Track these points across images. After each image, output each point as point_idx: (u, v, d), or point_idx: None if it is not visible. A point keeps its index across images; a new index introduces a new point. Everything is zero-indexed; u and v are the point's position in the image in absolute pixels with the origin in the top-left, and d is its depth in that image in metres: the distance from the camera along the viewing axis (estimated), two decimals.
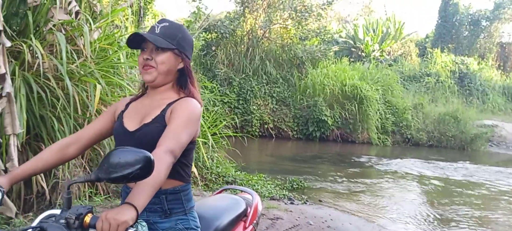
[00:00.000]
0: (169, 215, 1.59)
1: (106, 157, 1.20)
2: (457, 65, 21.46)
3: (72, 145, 1.72)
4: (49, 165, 1.71)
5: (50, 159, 1.68)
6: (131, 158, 1.17)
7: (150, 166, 1.19)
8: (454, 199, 7.40)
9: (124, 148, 1.20)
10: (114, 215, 1.22)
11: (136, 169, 1.16)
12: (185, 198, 1.64)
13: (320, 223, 4.87)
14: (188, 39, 1.69)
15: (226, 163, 6.45)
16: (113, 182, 1.19)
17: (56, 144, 1.74)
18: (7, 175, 1.61)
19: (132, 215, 1.23)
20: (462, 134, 15.37)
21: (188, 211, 1.64)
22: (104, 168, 1.18)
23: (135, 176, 1.18)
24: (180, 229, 1.60)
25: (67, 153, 1.71)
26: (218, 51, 13.65)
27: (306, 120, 13.74)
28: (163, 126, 1.55)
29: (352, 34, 23.60)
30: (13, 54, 3.69)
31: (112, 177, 1.18)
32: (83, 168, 3.85)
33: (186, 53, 1.67)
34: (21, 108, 3.37)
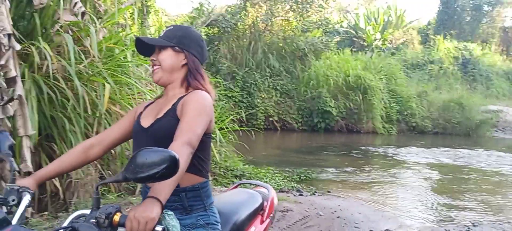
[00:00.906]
0: (189, 211, 1.63)
1: (132, 158, 1.22)
2: (460, 52, 21.39)
3: (95, 146, 1.76)
4: (73, 166, 1.76)
5: (74, 160, 1.73)
6: (157, 158, 1.20)
7: (175, 165, 1.22)
8: (461, 185, 7.43)
9: (150, 148, 1.23)
10: (141, 213, 1.26)
11: (162, 168, 1.19)
12: (205, 195, 1.67)
13: (329, 214, 4.90)
14: (190, 36, 1.74)
15: (234, 157, 6.49)
16: (140, 182, 1.22)
17: (79, 145, 1.79)
18: (32, 176, 1.64)
19: (158, 210, 1.28)
20: (467, 120, 15.36)
21: (208, 207, 1.67)
22: (131, 168, 1.21)
23: (161, 175, 1.21)
24: (201, 224, 1.63)
25: (90, 154, 1.75)
26: (221, 45, 13.66)
27: (311, 112, 13.75)
28: (175, 119, 1.59)
29: (353, 24, 23.55)
30: (21, 56, 3.72)
31: (139, 177, 1.21)
32: (95, 166, 3.89)
33: (189, 49, 1.71)
34: (33, 110, 3.40)
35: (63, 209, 3.65)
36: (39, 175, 1.67)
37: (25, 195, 1.48)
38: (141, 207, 1.29)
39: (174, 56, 1.69)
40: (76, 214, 1.46)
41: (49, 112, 3.67)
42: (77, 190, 3.68)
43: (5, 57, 2.88)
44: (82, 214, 1.44)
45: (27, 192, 1.50)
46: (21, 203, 1.45)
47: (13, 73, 2.94)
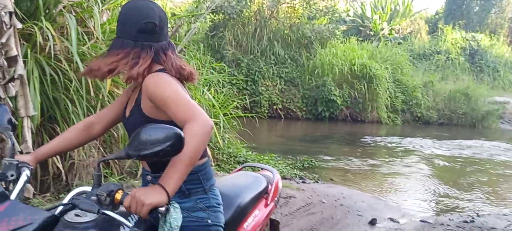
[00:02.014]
0: (188, 195, 1.58)
1: (135, 134, 1.19)
2: (468, 42, 21.14)
3: (95, 124, 1.74)
4: (74, 144, 1.74)
5: (75, 138, 1.71)
6: (161, 135, 1.17)
7: (180, 143, 1.18)
8: (465, 176, 7.38)
9: (154, 125, 1.20)
10: (141, 195, 1.24)
11: (167, 146, 1.16)
12: (204, 177, 1.61)
13: (332, 201, 4.89)
14: (119, 18, 1.59)
15: (237, 143, 6.47)
16: (143, 159, 1.19)
17: (80, 122, 1.76)
18: (33, 153, 1.63)
19: (161, 198, 1.25)
20: (473, 111, 15.24)
21: (208, 189, 1.62)
22: (134, 144, 1.18)
23: (165, 153, 1.17)
24: (201, 208, 1.58)
25: (91, 132, 1.73)
26: (226, 32, 13.55)
27: (315, 100, 13.69)
28: (140, 115, 1.53)
29: (360, 12, 23.33)
30: (24, 36, 3.69)
31: (142, 154, 1.17)
32: (98, 148, 3.88)
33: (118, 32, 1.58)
34: (35, 91, 3.38)
35: (66, 190, 3.66)
36: (39, 152, 1.65)
37: (24, 171, 1.47)
38: (146, 190, 1.27)
39: None
40: (77, 190, 1.44)
41: (52, 93, 3.66)
42: (79, 171, 3.68)
43: (6, 36, 2.85)
44: (83, 191, 1.43)
45: (26, 167, 1.48)
46: (20, 179, 1.43)
47: (14, 53, 2.91)
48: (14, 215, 1.06)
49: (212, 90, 6.49)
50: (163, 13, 1.57)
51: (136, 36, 1.52)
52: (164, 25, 1.57)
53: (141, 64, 1.50)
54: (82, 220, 1.26)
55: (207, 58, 11.15)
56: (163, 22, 1.56)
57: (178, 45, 5.98)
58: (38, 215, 1.08)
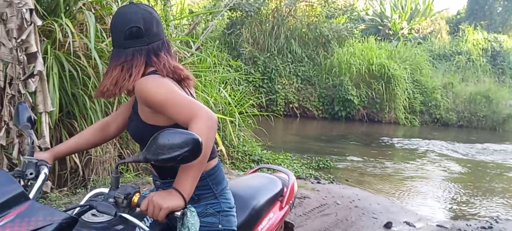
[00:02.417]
0: (197, 201, 1.55)
1: (154, 138, 1.19)
2: (490, 43, 20.72)
3: (111, 124, 1.76)
4: (91, 144, 1.76)
5: (92, 137, 1.73)
6: (180, 140, 1.16)
7: (198, 149, 1.18)
8: (484, 181, 7.24)
9: (172, 130, 1.19)
10: (159, 199, 1.24)
11: (185, 151, 1.16)
12: (213, 182, 1.58)
13: (347, 203, 4.85)
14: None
15: (252, 142, 6.47)
16: (161, 164, 1.18)
17: (97, 123, 1.78)
18: (50, 151, 1.65)
19: (177, 202, 1.26)
20: (493, 114, 14.96)
21: (218, 194, 1.59)
22: (152, 149, 1.18)
23: (183, 158, 1.17)
24: (211, 213, 1.56)
25: (108, 132, 1.75)
26: (243, 30, 13.57)
27: (332, 99, 13.61)
28: (139, 122, 1.51)
29: (379, 11, 23.08)
30: (44, 33, 3.75)
31: (160, 158, 1.17)
32: (114, 145, 3.92)
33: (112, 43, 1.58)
34: (54, 86, 3.43)
35: (82, 185, 3.70)
36: (57, 150, 1.67)
37: (43, 169, 1.49)
38: (163, 194, 1.27)
39: None
40: (94, 192, 1.46)
41: (70, 89, 3.70)
42: (96, 167, 3.73)
43: (26, 32, 2.89)
44: (100, 192, 1.44)
45: (45, 166, 1.50)
46: (39, 177, 1.46)
47: (34, 49, 2.95)
48: (34, 216, 1.08)
49: (228, 88, 6.50)
50: (147, 13, 1.51)
51: (124, 43, 1.49)
52: (150, 26, 1.51)
53: (135, 74, 1.47)
54: (98, 220, 1.27)
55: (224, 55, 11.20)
56: (148, 23, 1.51)
57: (195, 42, 6.00)
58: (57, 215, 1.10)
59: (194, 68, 5.62)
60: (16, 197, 1.11)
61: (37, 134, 3.19)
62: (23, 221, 1.07)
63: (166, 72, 1.49)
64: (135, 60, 1.48)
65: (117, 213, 1.22)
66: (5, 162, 3.09)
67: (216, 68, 6.71)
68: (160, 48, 1.53)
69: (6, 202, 1.09)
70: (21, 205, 1.10)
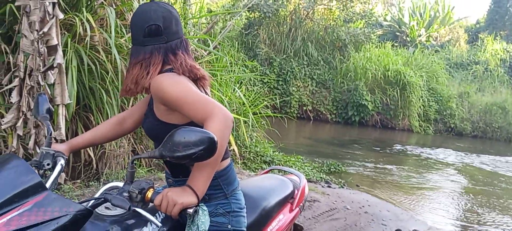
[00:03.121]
0: (208, 200, 1.55)
1: (170, 135, 1.21)
2: (508, 54, 20.41)
3: (128, 119, 1.79)
4: (106, 138, 1.79)
5: (108, 132, 1.77)
6: (195, 138, 1.18)
7: (214, 147, 1.19)
8: (497, 192, 7.15)
9: (188, 128, 1.21)
10: (173, 195, 1.27)
11: (200, 149, 1.17)
12: (225, 182, 1.58)
13: (357, 208, 4.83)
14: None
15: (265, 142, 6.49)
16: (176, 161, 1.20)
17: (113, 117, 1.81)
18: (67, 143, 1.69)
19: (191, 200, 1.28)
20: (509, 125, 14.75)
21: (229, 194, 1.59)
22: (168, 146, 1.20)
23: (198, 156, 1.19)
24: (221, 213, 1.57)
25: (124, 127, 1.78)
26: (260, 30, 13.59)
27: (346, 104, 13.55)
28: (154, 119, 1.53)
29: (397, 17, 22.90)
30: (66, 26, 3.82)
31: (176, 155, 1.19)
32: (128, 139, 3.98)
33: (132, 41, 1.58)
34: (72, 79, 3.49)
35: (95, 178, 3.76)
36: (73, 143, 1.71)
37: (59, 160, 1.53)
38: (178, 190, 1.30)
39: None
40: (109, 185, 1.49)
41: (88, 83, 3.76)
42: (109, 161, 3.78)
43: (48, 25, 2.96)
44: (115, 186, 1.47)
45: (61, 157, 1.54)
46: (55, 168, 1.49)
47: (55, 42, 3.02)
48: (50, 206, 1.11)
49: (243, 88, 6.53)
50: (167, 12, 1.52)
51: (143, 41, 1.50)
52: (169, 24, 1.52)
53: (152, 72, 1.48)
54: (112, 213, 1.31)
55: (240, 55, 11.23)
56: (168, 21, 1.52)
57: (213, 41, 6.04)
58: (72, 207, 1.13)
59: (210, 67, 5.67)
60: (34, 187, 1.14)
61: (53, 125, 3.26)
62: (40, 210, 1.10)
63: (182, 71, 1.50)
64: (153, 58, 1.49)
65: (131, 207, 1.25)
66: (21, 151, 3.16)
67: (232, 67, 6.75)
68: (178, 47, 1.54)
69: (25, 191, 1.12)
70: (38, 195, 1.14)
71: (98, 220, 1.29)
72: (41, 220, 1.07)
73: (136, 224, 1.32)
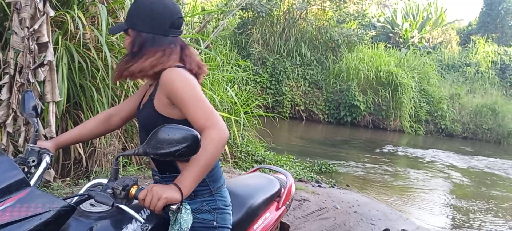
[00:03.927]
0: (194, 197, 1.57)
1: (154, 133, 1.23)
2: (499, 56, 20.58)
3: (115, 115, 1.79)
4: (94, 134, 1.79)
5: (95, 128, 1.76)
6: (179, 136, 1.20)
7: (197, 145, 1.22)
8: (485, 193, 7.23)
9: (172, 125, 1.23)
10: (158, 189, 1.29)
11: (183, 146, 1.20)
12: (211, 180, 1.60)
13: (347, 208, 4.87)
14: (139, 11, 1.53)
15: (256, 142, 6.51)
16: (160, 158, 1.22)
17: (101, 114, 1.81)
18: (53, 140, 1.69)
19: (175, 196, 1.29)
20: (499, 127, 14.89)
21: (215, 191, 1.61)
22: (152, 143, 1.22)
23: (181, 153, 1.21)
24: (207, 210, 1.59)
25: (111, 123, 1.78)
26: (254, 30, 13.61)
27: (338, 104, 13.62)
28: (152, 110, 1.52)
29: (390, 19, 23.01)
30: (57, 24, 3.81)
31: (159, 152, 1.21)
32: (119, 138, 3.98)
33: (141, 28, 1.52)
34: (63, 77, 3.49)
35: (85, 176, 3.76)
36: (60, 140, 1.71)
37: (45, 157, 1.53)
38: (163, 186, 1.32)
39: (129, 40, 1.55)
40: (94, 182, 1.50)
41: (79, 80, 3.76)
42: (99, 158, 3.78)
43: (39, 22, 2.96)
44: (99, 183, 1.48)
45: (47, 154, 1.54)
46: (40, 165, 1.49)
47: (46, 39, 3.02)
48: (33, 202, 1.12)
49: (235, 88, 6.54)
50: None
51: (167, 31, 1.52)
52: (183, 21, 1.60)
53: (172, 61, 1.51)
54: (96, 210, 1.32)
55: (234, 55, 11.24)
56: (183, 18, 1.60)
57: (205, 40, 6.05)
58: (55, 203, 1.14)
59: None
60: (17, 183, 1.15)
61: (43, 123, 3.26)
62: (23, 206, 1.11)
63: (195, 68, 1.56)
64: (174, 48, 1.53)
65: (115, 204, 1.26)
66: (10, 149, 3.15)
67: (224, 67, 6.76)
68: (185, 43, 1.62)
69: (8, 187, 1.13)
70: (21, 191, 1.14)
71: (82, 217, 1.30)
72: (24, 216, 1.08)
73: (120, 221, 1.33)
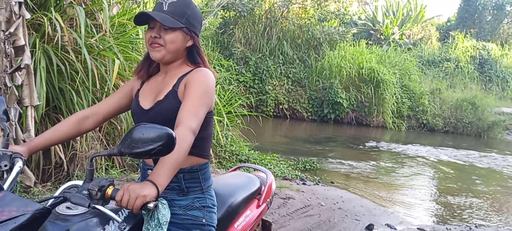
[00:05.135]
0: (186, 193, 1.61)
1: (128, 132, 1.23)
2: (478, 51, 20.99)
3: (89, 118, 1.76)
4: (67, 136, 1.75)
5: (67, 130, 1.73)
6: (154, 134, 1.20)
7: (172, 143, 1.22)
8: (467, 186, 7.36)
9: (146, 124, 1.23)
10: (135, 188, 1.27)
11: (158, 145, 1.20)
12: (203, 177, 1.65)
13: (331, 204, 4.91)
14: (197, 15, 1.63)
15: (240, 141, 6.51)
16: (135, 157, 1.22)
17: (73, 115, 1.78)
18: (26, 144, 1.65)
19: (153, 192, 1.28)
20: (479, 121, 15.15)
21: (205, 189, 1.66)
22: (127, 143, 1.22)
23: (157, 152, 1.21)
24: (197, 207, 1.62)
25: (84, 125, 1.75)
26: (236, 29, 13.60)
27: (321, 102, 13.70)
28: (176, 101, 1.56)
29: (371, 16, 23.26)
30: (34, 26, 3.76)
31: (134, 152, 1.21)
32: (100, 141, 3.94)
33: (195, 30, 1.63)
34: (41, 80, 3.44)
35: (66, 180, 3.71)
36: (31, 144, 1.66)
37: (17, 162, 1.48)
38: (138, 184, 1.30)
39: (181, 38, 1.59)
40: (69, 184, 1.48)
41: (58, 84, 3.71)
42: (80, 162, 3.73)
43: (14, 25, 2.91)
44: (75, 185, 1.46)
45: (19, 159, 1.50)
46: (13, 169, 1.45)
47: (22, 42, 2.97)
48: (7, 206, 1.10)
49: (218, 88, 6.52)
50: None
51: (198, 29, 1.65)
52: None
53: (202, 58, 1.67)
54: (72, 213, 1.30)
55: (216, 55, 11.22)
56: None
57: None
58: (30, 206, 1.12)
59: None
60: None
61: (22, 127, 3.21)
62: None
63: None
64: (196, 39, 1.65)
65: (91, 205, 1.24)
66: None
67: None
68: None
69: None
70: None
71: (59, 220, 1.28)
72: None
73: (97, 223, 1.32)
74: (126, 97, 1.77)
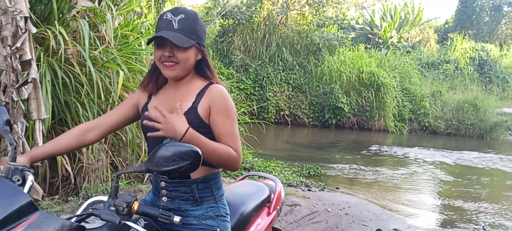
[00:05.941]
0: (200, 203, 1.63)
1: (156, 150, 1.26)
2: (477, 52, 21.02)
3: (92, 130, 1.74)
4: (69, 148, 1.75)
5: (70, 142, 1.72)
6: (182, 153, 1.25)
7: (199, 161, 1.27)
8: (472, 188, 7.34)
9: (174, 143, 1.30)
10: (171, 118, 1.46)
11: (187, 163, 1.25)
12: (215, 186, 1.67)
13: (338, 210, 4.90)
14: (203, 29, 1.65)
15: (244, 149, 6.50)
16: (163, 174, 1.27)
17: (76, 127, 1.78)
18: (26, 154, 1.64)
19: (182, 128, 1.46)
20: (481, 122, 15.14)
21: (218, 198, 1.68)
22: (155, 161, 1.25)
23: (185, 170, 1.26)
24: (211, 216, 1.64)
25: (86, 137, 1.74)
26: (235, 37, 13.64)
27: (322, 107, 13.70)
28: (196, 117, 1.57)
29: (369, 20, 23.31)
30: (38, 40, 3.76)
31: (163, 170, 1.25)
32: (106, 152, 3.93)
33: (203, 43, 1.66)
34: (47, 94, 3.44)
35: (74, 193, 3.70)
36: (34, 154, 1.66)
37: (28, 175, 1.47)
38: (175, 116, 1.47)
39: (194, 55, 1.61)
40: (93, 200, 1.48)
41: (63, 97, 3.72)
42: (88, 175, 3.73)
43: (21, 40, 2.91)
44: (99, 200, 1.47)
45: (29, 172, 1.49)
46: (26, 184, 1.44)
47: (29, 56, 2.97)
48: (44, 226, 1.11)
49: None
50: None
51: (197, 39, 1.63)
52: None
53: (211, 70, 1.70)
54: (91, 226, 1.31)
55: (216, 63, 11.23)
56: None
57: None
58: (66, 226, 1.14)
59: None
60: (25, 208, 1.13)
61: (30, 141, 3.21)
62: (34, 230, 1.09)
63: None
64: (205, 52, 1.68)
65: (121, 221, 1.27)
66: None
67: None
68: None
69: (16, 212, 1.11)
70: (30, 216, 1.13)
71: None
72: None
73: None
74: (131, 110, 1.76)
